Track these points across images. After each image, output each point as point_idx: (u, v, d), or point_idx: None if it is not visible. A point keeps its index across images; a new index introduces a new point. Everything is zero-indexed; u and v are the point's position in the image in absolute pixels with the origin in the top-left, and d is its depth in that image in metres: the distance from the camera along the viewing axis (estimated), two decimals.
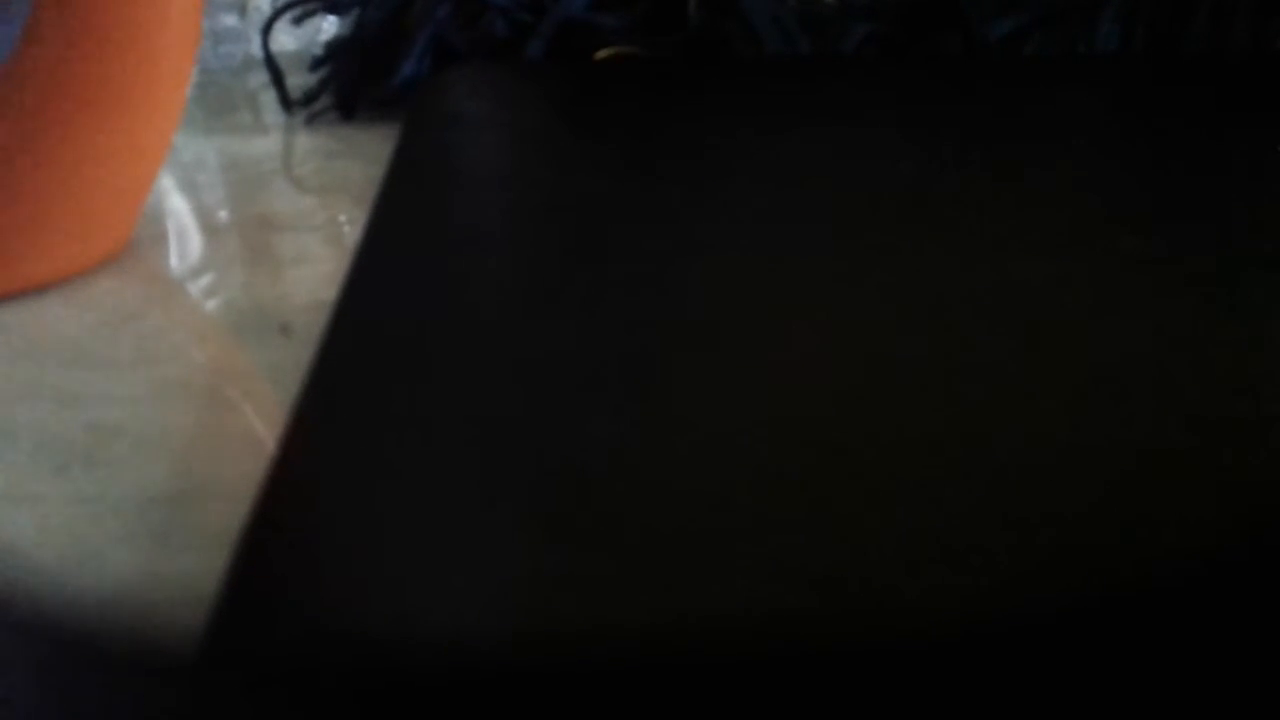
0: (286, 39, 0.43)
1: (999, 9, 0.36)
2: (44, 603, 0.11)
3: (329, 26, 0.42)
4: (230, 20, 0.45)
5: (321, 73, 0.39)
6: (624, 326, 0.20)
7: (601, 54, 0.36)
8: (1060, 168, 0.29)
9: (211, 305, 0.27)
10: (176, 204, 0.33)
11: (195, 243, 0.30)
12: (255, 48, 0.42)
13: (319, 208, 0.32)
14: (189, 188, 0.34)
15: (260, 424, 0.21)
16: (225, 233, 0.31)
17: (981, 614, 0.12)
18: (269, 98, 0.40)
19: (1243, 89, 0.34)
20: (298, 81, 0.40)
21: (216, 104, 0.42)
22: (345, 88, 0.38)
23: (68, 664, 0.11)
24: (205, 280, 0.28)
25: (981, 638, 0.12)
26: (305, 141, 0.38)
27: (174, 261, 0.29)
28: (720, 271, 0.23)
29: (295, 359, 0.20)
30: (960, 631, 0.12)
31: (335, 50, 0.39)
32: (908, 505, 0.15)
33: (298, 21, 0.41)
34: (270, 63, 0.40)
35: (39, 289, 0.26)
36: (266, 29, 0.40)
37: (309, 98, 0.39)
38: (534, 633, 0.13)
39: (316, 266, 0.28)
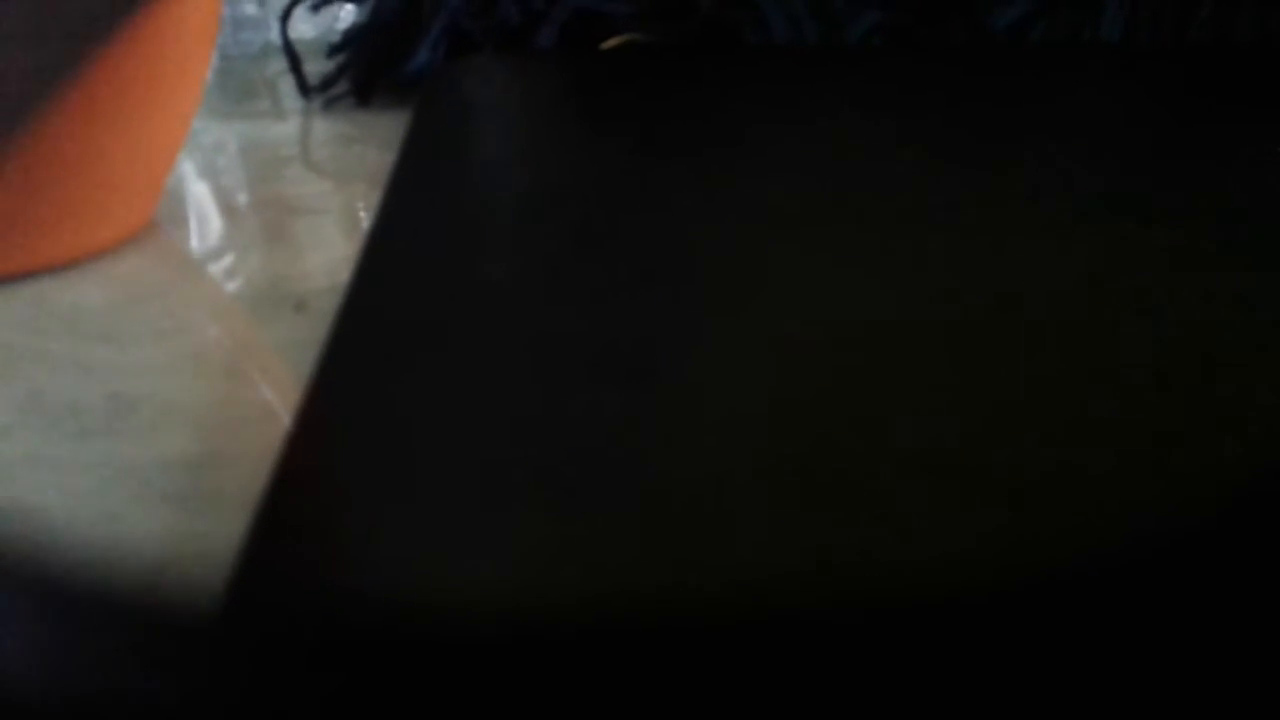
0: (305, 26, 0.44)
1: None
2: (63, 562, 0.12)
3: (346, 14, 0.43)
4: (250, 8, 0.46)
5: (339, 59, 0.40)
6: (632, 311, 0.20)
7: (610, 42, 0.37)
8: (1064, 155, 0.29)
9: (230, 284, 0.27)
10: (196, 187, 0.33)
11: (215, 224, 0.31)
12: (274, 34, 0.43)
13: (335, 191, 0.33)
14: (209, 171, 0.35)
15: (274, 396, 0.22)
16: (244, 215, 0.31)
17: (981, 590, 0.13)
18: (287, 84, 0.41)
19: (1247, 78, 0.34)
20: (315, 68, 0.40)
21: (236, 90, 0.43)
22: (361, 74, 0.39)
23: (85, 621, 0.12)
24: (224, 260, 0.28)
25: (980, 610, 0.12)
26: (322, 127, 0.38)
27: (194, 242, 0.30)
28: (729, 257, 0.23)
29: (309, 336, 0.21)
30: (960, 604, 0.12)
31: (352, 37, 0.40)
32: (911, 482, 0.15)
33: (315, 9, 0.42)
34: (289, 49, 0.40)
35: (64, 266, 0.26)
36: (285, 16, 0.41)
37: (326, 84, 0.40)
38: (542, 598, 0.13)
39: (332, 249, 0.28)
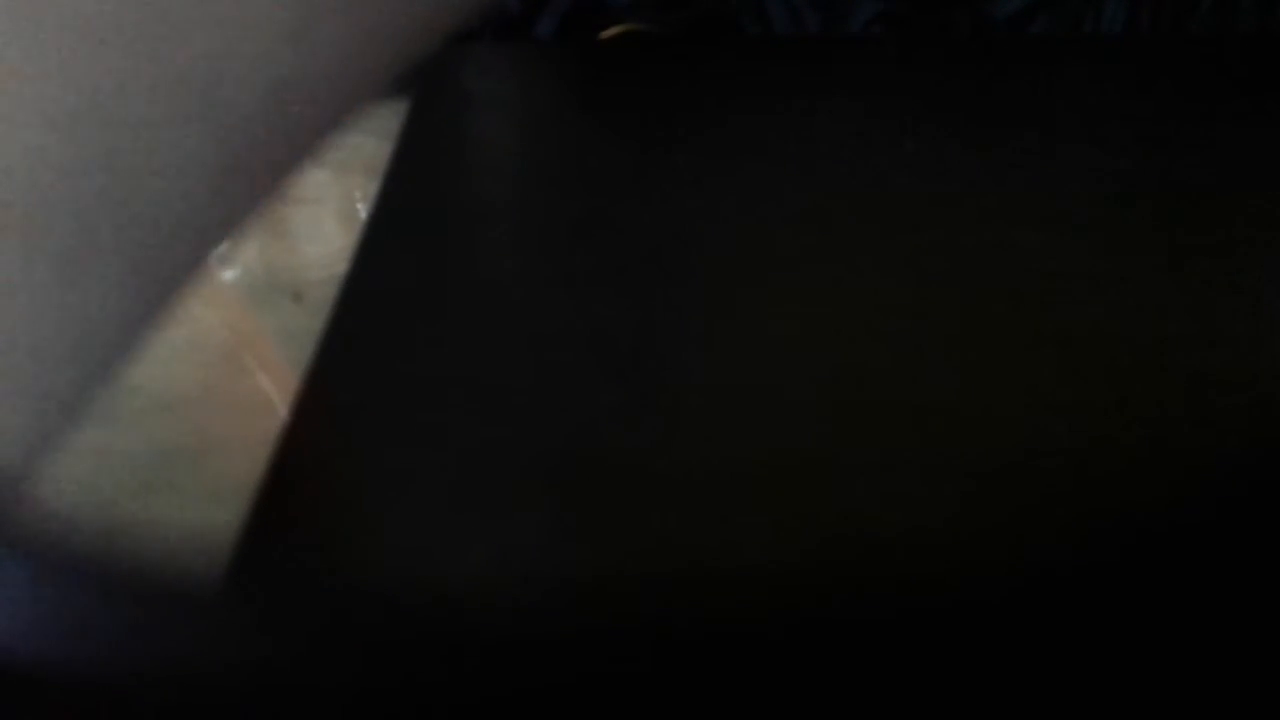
0: None
1: None
2: (62, 544, 0.12)
3: None
4: None
5: None
6: (630, 302, 0.20)
7: (609, 32, 0.36)
8: (1065, 145, 0.29)
9: (227, 274, 0.27)
10: None
11: None
12: None
13: (333, 181, 0.33)
14: None
15: (271, 385, 0.22)
16: None
17: (979, 585, 0.13)
18: None
19: (1247, 70, 0.34)
20: None
21: None
22: None
23: (86, 600, 0.12)
24: (221, 250, 0.28)
25: (979, 605, 0.12)
26: None
27: None
28: (728, 247, 0.23)
29: (305, 326, 0.21)
30: (958, 599, 0.12)
31: None
32: (908, 472, 0.15)
33: None
34: None
35: None
36: None
37: None
38: (537, 587, 0.13)
39: (329, 239, 0.28)
